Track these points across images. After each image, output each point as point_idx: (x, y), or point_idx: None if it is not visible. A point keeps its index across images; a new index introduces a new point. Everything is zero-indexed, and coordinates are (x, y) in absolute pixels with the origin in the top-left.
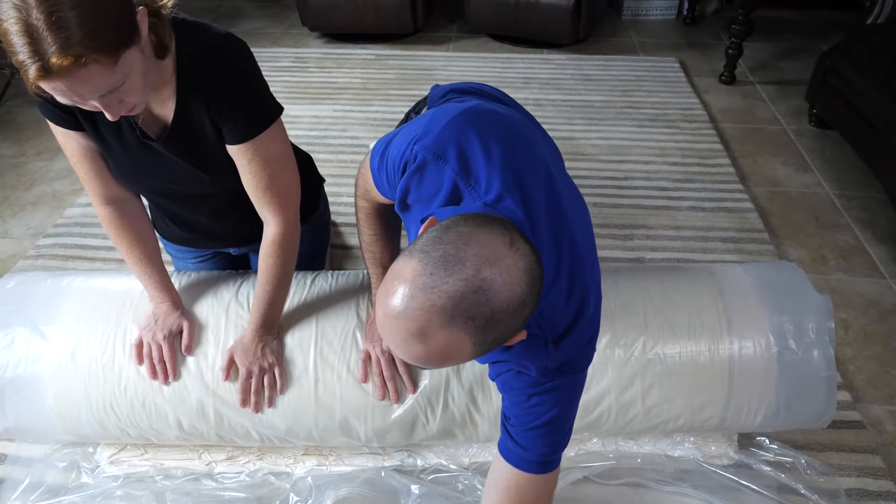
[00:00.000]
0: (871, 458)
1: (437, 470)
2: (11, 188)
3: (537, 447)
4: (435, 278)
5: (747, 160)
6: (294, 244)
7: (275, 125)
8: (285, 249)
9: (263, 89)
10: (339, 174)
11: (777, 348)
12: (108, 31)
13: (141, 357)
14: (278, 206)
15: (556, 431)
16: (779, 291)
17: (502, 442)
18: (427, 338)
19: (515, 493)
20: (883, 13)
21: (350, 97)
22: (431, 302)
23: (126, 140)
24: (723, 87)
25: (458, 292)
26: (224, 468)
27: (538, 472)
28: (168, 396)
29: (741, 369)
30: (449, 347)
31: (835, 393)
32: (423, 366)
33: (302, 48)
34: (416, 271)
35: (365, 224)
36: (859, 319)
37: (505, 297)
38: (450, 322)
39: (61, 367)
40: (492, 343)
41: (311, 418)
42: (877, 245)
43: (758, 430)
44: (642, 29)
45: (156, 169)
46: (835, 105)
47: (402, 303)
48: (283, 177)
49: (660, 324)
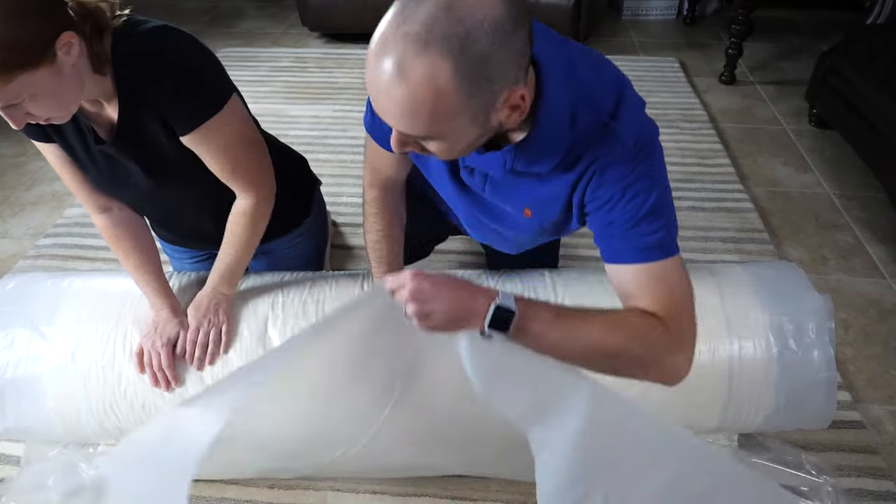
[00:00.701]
0: (871, 458)
1: None
2: (11, 188)
3: (652, 233)
4: (407, 10)
5: (747, 160)
6: (265, 214)
7: (226, 108)
8: (254, 220)
9: (205, 76)
10: (339, 174)
11: (777, 348)
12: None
13: (143, 366)
14: (247, 184)
15: (662, 214)
16: (779, 292)
17: (618, 253)
18: (406, 73)
19: (655, 282)
20: (883, 13)
21: (350, 97)
22: (404, 31)
23: (88, 146)
24: (723, 87)
25: (430, 14)
26: None
27: (662, 258)
28: (168, 398)
29: (741, 370)
30: (431, 79)
31: (835, 393)
32: (412, 118)
33: (302, 48)
34: (391, 13)
35: (374, 219)
36: (859, 319)
37: (479, 15)
38: (425, 47)
39: (61, 368)
40: (477, 71)
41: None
42: (877, 245)
43: (758, 430)
44: (642, 29)
45: (118, 176)
46: (835, 105)
47: (379, 41)
48: (247, 157)
49: None
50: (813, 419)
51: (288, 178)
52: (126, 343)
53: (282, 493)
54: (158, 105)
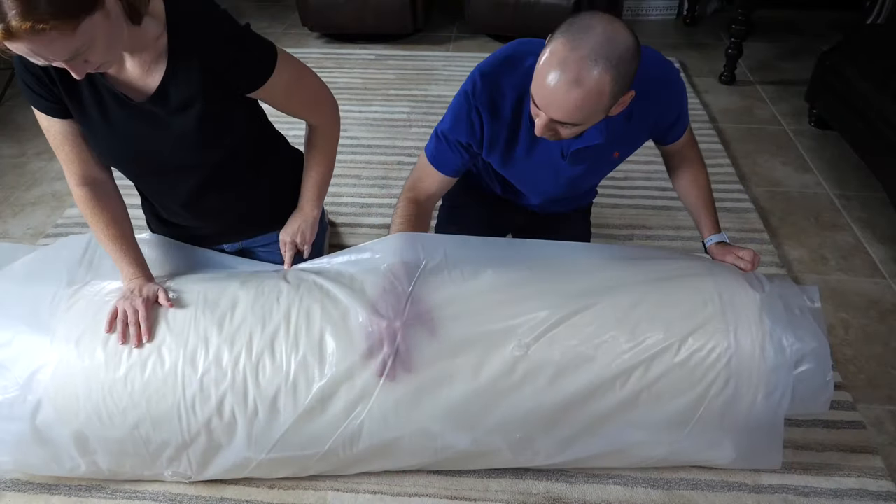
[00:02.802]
0: (871, 458)
1: None
2: (11, 188)
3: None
4: (577, 40)
5: (747, 160)
6: (334, 132)
7: (280, 57)
8: (329, 139)
9: (252, 35)
10: (338, 174)
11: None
12: None
13: (112, 324)
14: (312, 110)
15: None
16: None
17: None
18: (581, 81)
19: (690, 135)
20: (883, 13)
21: (350, 97)
22: (579, 54)
23: (108, 108)
24: (723, 87)
25: (597, 42)
26: None
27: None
28: None
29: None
30: (599, 84)
31: (829, 364)
32: (579, 112)
33: (302, 48)
34: (560, 42)
35: (401, 227)
36: (859, 319)
37: (626, 44)
38: (594, 63)
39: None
40: (623, 81)
41: None
42: (877, 245)
43: (755, 418)
44: (642, 29)
45: (139, 135)
46: (835, 105)
47: (559, 61)
48: (306, 89)
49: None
50: (811, 397)
51: (291, 173)
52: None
53: (282, 493)
54: (223, 66)
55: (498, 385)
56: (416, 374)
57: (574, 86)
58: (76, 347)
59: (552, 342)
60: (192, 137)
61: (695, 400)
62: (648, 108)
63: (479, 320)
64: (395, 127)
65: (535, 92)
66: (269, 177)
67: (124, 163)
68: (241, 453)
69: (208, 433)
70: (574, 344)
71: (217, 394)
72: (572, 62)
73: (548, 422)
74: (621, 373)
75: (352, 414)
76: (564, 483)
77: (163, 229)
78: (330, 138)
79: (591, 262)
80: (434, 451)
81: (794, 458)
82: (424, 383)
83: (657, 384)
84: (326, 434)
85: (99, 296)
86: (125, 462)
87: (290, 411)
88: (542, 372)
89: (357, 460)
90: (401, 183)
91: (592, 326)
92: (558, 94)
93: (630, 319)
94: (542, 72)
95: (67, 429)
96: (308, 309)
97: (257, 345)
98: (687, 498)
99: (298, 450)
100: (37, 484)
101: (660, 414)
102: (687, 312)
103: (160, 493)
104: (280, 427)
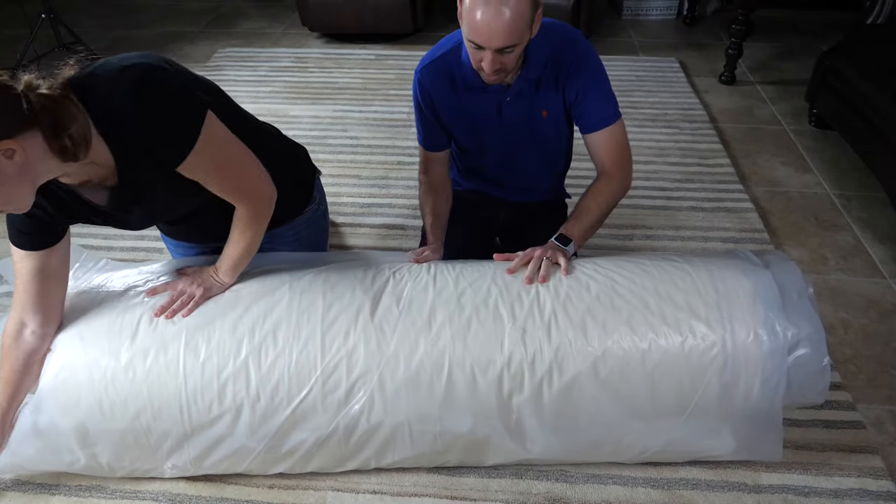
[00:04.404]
0: (871, 458)
1: None
2: None
3: (610, 105)
4: None
5: (747, 160)
6: (265, 215)
7: (203, 132)
8: (254, 223)
9: (178, 108)
10: (339, 174)
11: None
12: None
13: (160, 293)
14: (240, 195)
15: (610, 94)
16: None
17: (592, 124)
18: (506, 2)
19: (614, 142)
20: (883, 13)
21: (350, 97)
22: None
23: (85, 209)
24: (723, 87)
25: None
26: None
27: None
28: None
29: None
30: (518, 2)
31: (824, 349)
32: (514, 32)
33: (302, 48)
34: None
35: (426, 197)
36: (859, 319)
37: None
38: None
39: None
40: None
41: None
42: (877, 245)
43: (752, 405)
44: (642, 29)
45: (121, 221)
46: (835, 105)
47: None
48: (234, 171)
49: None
50: (809, 386)
51: (289, 168)
52: None
53: (282, 493)
54: (147, 147)
55: None
56: (414, 359)
57: (502, 9)
58: (79, 339)
59: (551, 329)
60: (162, 209)
61: (690, 386)
62: (558, 69)
63: None
64: (395, 127)
65: (473, 34)
66: None
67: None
68: (241, 441)
69: (209, 421)
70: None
71: (219, 380)
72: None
73: (546, 411)
74: (618, 361)
75: (353, 399)
76: (564, 483)
77: (165, 228)
78: (254, 223)
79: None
80: (433, 438)
81: (794, 458)
82: (424, 367)
83: (654, 372)
84: (327, 419)
85: (100, 288)
86: (125, 455)
87: (291, 396)
88: (541, 361)
89: (357, 449)
90: (401, 183)
91: (590, 317)
92: (493, 23)
93: (624, 310)
94: (472, 14)
95: (68, 419)
96: (311, 297)
97: (259, 331)
98: (687, 498)
99: (299, 436)
100: (37, 484)
101: (657, 402)
102: (681, 302)
103: (160, 493)
104: (282, 413)
